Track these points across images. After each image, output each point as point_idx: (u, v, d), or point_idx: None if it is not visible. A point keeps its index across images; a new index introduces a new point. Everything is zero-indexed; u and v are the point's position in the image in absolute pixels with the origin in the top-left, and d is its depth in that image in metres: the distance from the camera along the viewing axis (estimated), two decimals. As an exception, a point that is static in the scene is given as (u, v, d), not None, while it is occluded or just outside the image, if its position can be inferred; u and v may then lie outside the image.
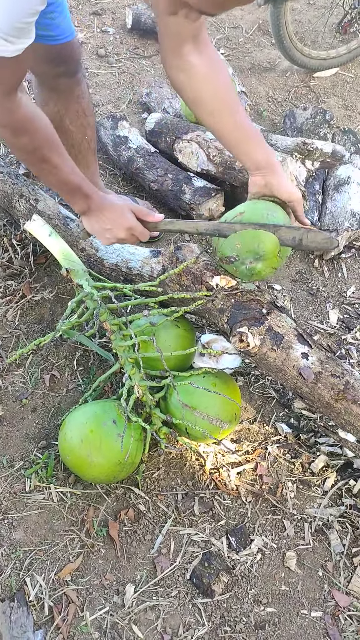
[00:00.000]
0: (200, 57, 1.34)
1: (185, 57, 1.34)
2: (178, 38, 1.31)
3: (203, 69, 1.35)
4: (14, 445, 1.69)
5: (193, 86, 1.38)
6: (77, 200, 1.49)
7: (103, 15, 3.37)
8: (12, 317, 1.96)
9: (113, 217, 1.50)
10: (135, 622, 1.42)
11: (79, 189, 1.46)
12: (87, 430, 1.49)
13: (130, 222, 1.49)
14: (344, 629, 1.44)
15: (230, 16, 3.49)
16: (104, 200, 1.51)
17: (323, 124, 2.65)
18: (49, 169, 1.40)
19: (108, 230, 1.51)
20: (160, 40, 1.35)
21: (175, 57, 1.34)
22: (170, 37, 1.32)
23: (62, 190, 1.48)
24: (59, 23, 1.61)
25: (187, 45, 1.32)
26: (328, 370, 1.43)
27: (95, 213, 1.51)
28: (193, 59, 1.34)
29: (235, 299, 1.52)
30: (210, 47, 1.37)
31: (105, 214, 1.50)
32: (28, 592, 1.44)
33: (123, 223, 1.49)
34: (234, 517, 1.61)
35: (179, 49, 1.32)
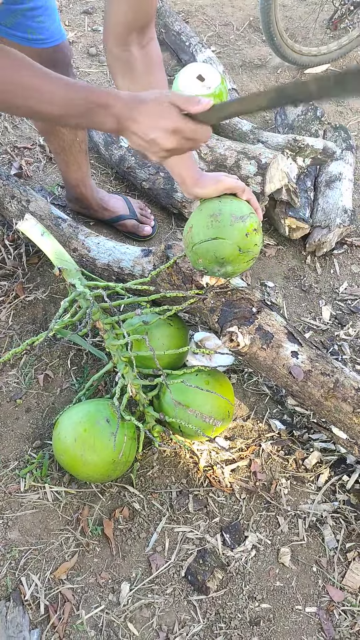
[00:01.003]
0: (141, 52, 1.32)
1: (128, 47, 1.30)
2: (125, 27, 1.27)
3: (142, 64, 1.32)
4: (8, 445, 1.70)
5: (129, 78, 1.35)
6: (99, 118, 1.12)
7: (93, 14, 3.36)
8: (5, 317, 1.97)
9: (153, 122, 1.10)
10: (130, 620, 1.43)
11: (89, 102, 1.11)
12: (81, 429, 1.49)
13: (175, 122, 1.10)
14: (338, 623, 1.46)
15: (221, 13, 3.49)
16: (132, 102, 1.12)
17: (314, 120, 2.65)
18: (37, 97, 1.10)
19: (152, 143, 1.13)
20: (105, 24, 1.30)
21: (117, 45, 1.31)
22: (116, 24, 1.28)
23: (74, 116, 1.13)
24: (48, 26, 1.61)
25: (131, 36, 1.29)
26: (318, 369, 1.44)
27: (128, 124, 1.12)
28: (134, 51, 1.31)
29: (225, 297, 1.52)
30: (154, 44, 1.34)
31: (141, 121, 1.11)
32: (24, 591, 1.44)
33: (166, 125, 1.10)
34: (228, 514, 1.62)
35: (124, 38, 1.29)
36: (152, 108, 1.11)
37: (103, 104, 1.11)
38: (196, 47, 2.87)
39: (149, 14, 1.29)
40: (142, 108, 1.11)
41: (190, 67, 2.45)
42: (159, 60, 1.37)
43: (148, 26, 1.31)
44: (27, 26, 1.57)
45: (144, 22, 1.29)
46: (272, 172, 2.14)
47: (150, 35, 1.33)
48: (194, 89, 2.37)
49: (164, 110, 1.10)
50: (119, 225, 2.25)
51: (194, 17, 3.43)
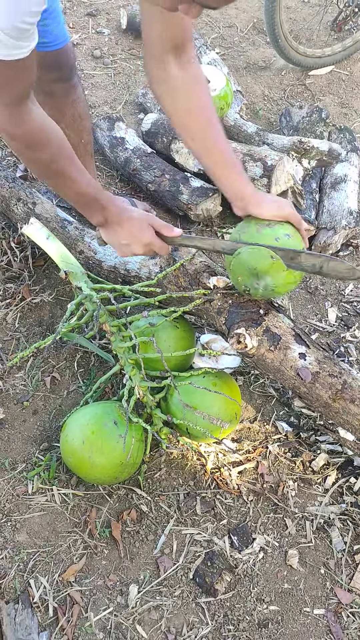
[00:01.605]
0: (181, 71, 1.32)
1: (167, 68, 1.31)
2: (161, 47, 1.28)
3: (181, 82, 1.32)
4: (15, 447, 1.70)
5: (170, 100, 1.36)
6: (93, 213, 1.42)
7: (98, 16, 3.37)
8: (12, 320, 1.97)
9: (131, 232, 1.43)
10: (139, 622, 1.43)
11: (95, 201, 1.40)
12: (88, 431, 1.49)
13: (149, 238, 1.42)
14: (346, 626, 1.45)
15: (225, 15, 3.50)
16: (122, 213, 1.43)
17: (319, 122, 2.65)
18: (64, 182, 1.36)
19: (125, 245, 1.45)
20: (145, 49, 1.33)
21: (157, 68, 1.32)
22: (153, 46, 1.29)
23: (78, 202, 1.42)
24: (52, 29, 1.61)
25: (169, 56, 1.30)
26: (326, 370, 1.44)
27: (112, 226, 1.44)
28: (173, 70, 1.31)
29: (232, 299, 1.52)
30: (194, 63, 1.34)
31: (123, 228, 1.43)
32: (32, 593, 1.44)
33: (141, 239, 1.42)
34: (235, 516, 1.62)
35: (161, 58, 1.30)
36: (136, 222, 1.42)
37: (103, 207, 1.41)
38: (200, 49, 2.87)
39: (184, 33, 1.28)
40: (128, 219, 1.43)
41: None
42: (200, 80, 1.36)
43: (185, 46, 1.30)
44: None
45: (179, 41, 1.28)
46: (278, 174, 2.14)
47: (189, 55, 1.31)
48: None
49: (143, 227, 1.42)
50: (124, 228, 2.25)
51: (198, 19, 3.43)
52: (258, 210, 1.39)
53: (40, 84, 1.79)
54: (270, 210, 1.38)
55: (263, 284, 1.40)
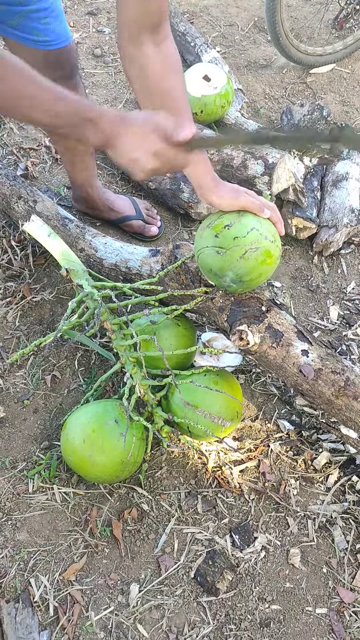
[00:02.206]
0: (156, 51, 1.28)
1: (141, 47, 1.26)
2: (136, 25, 1.24)
3: (156, 63, 1.28)
4: (16, 446, 1.69)
5: (142, 79, 1.31)
6: (85, 132, 1.16)
7: (98, 15, 3.36)
8: (12, 318, 1.96)
9: (136, 142, 1.17)
10: (140, 622, 1.42)
11: (77, 116, 1.15)
12: (89, 430, 1.49)
13: (156, 145, 1.17)
14: (349, 625, 1.45)
15: (226, 13, 3.49)
16: (121, 122, 1.17)
17: (320, 120, 2.64)
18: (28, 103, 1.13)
19: (135, 161, 1.20)
20: (118, 26, 1.28)
21: (130, 46, 1.27)
22: (128, 24, 1.25)
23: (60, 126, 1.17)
24: (54, 28, 1.61)
25: (144, 35, 1.26)
26: (328, 367, 1.43)
27: (115, 141, 1.18)
28: (148, 50, 1.27)
29: (234, 296, 1.52)
30: (169, 42, 1.30)
31: (126, 140, 1.18)
32: (33, 593, 1.44)
33: (148, 149, 1.17)
34: (237, 515, 1.61)
35: (136, 37, 1.26)
36: (137, 129, 1.17)
37: (91, 119, 1.15)
38: (201, 48, 2.87)
39: (160, 11, 1.25)
40: (127, 128, 1.17)
41: (196, 68, 2.45)
42: (175, 60, 1.32)
43: (161, 24, 1.27)
44: (32, 28, 1.57)
45: (156, 20, 1.25)
46: (279, 172, 2.13)
47: (164, 33, 1.28)
48: (200, 89, 2.37)
49: (147, 133, 1.16)
50: (125, 226, 2.24)
51: (199, 17, 3.43)
52: (219, 203, 1.37)
53: None
54: (224, 200, 1.37)
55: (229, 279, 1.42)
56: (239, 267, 1.38)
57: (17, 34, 1.58)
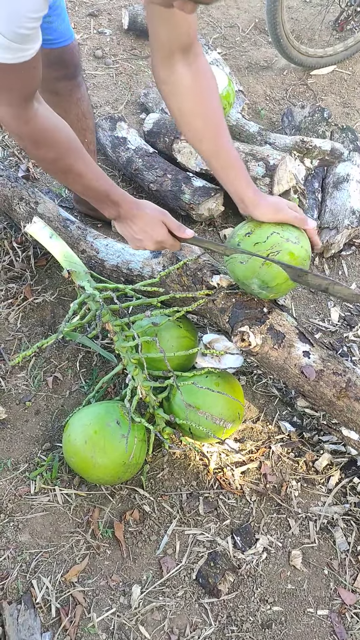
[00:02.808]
0: (188, 69, 1.31)
1: (173, 67, 1.31)
2: (168, 48, 1.28)
3: (188, 81, 1.32)
4: (18, 447, 1.69)
5: (177, 101, 1.35)
6: (105, 207, 1.45)
7: (99, 17, 3.37)
8: (14, 319, 1.96)
9: (144, 228, 1.45)
10: (142, 623, 1.42)
11: (106, 196, 1.42)
12: (91, 431, 1.49)
13: (161, 236, 1.44)
14: (350, 626, 1.45)
15: (227, 15, 3.50)
16: (136, 209, 1.45)
17: (321, 121, 2.65)
18: (73, 178, 1.37)
19: (138, 240, 1.47)
20: (151, 51, 1.33)
21: (163, 68, 1.32)
22: (160, 47, 1.29)
23: (89, 197, 1.44)
24: (56, 27, 1.61)
25: (176, 56, 1.29)
26: (330, 368, 1.43)
27: (125, 221, 1.46)
28: (181, 70, 1.31)
29: (236, 298, 1.52)
30: (201, 61, 1.33)
31: (136, 223, 1.45)
32: (35, 594, 1.44)
33: (153, 236, 1.44)
34: (238, 516, 1.61)
35: (168, 59, 1.30)
36: (149, 219, 1.44)
37: (115, 202, 1.42)
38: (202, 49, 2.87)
39: (189, 33, 1.28)
40: (141, 216, 1.44)
41: None
42: (208, 79, 1.35)
43: (192, 45, 1.30)
44: None
45: (185, 41, 1.28)
46: (280, 173, 2.14)
47: (195, 52, 1.31)
48: None
49: (156, 225, 1.43)
50: (126, 228, 2.25)
51: (200, 19, 3.44)
52: (255, 213, 1.40)
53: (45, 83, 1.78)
54: (266, 214, 1.39)
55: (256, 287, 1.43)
56: (263, 273, 1.39)
57: None
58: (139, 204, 1.46)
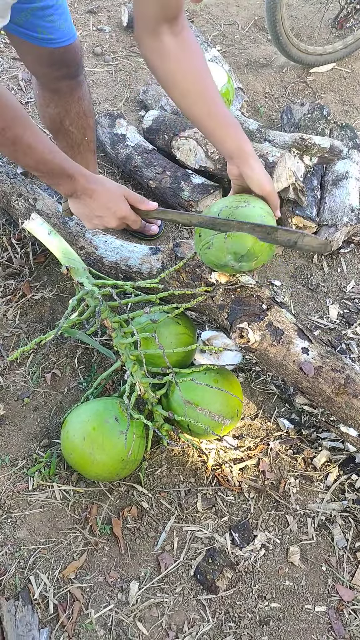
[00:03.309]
0: (176, 39, 1.30)
1: (161, 37, 1.29)
2: (155, 19, 1.27)
3: (177, 50, 1.31)
4: (16, 444, 1.69)
5: (166, 67, 1.33)
6: (60, 182, 1.34)
7: (99, 14, 3.36)
8: (12, 316, 1.96)
9: (106, 204, 1.37)
10: (140, 619, 1.42)
11: (61, 170, 1.32)
12: (89, 428, 1.49)
13: (124, 212, 1.38)
14: (348, 623, 1.45)
15: (226, 13, 3.49)
16: (94, 184, 1.36)
17: (320, 119, 2.64)
18: (24, 150, 1.26)
19: (98, 217, 1.40)
20: (136, 20, 1.31)
21: (150, 38, 1.30)
22: (147, 18, 1.28)
23: (41, 172, 1.33)
24: (59, 26, 1.60)
25: (163, 27, 1.28)
26: (328, 365, 1.43)
27: (83, 197, 1.38)
28: (168, 40, 1.30)
29: (235, 294, 1.52)
30: (187, 31, 1.33)
31: (95, 200, 1.37)
32: (32, 590, 1.44)
33: (116, 212, 1.37)
34: (237, 513, 1.61)
35: (155, 29, 1.28)
36: (110, 194, 1.37)
37: (70, 175, 1.33)
38: (201, 47, 2.87)
39: (176, 6, 1.27)
40: (101, 192, 1.36)
41: None
42: (195, 45, 1.34)
43: (178, 17, 1.29)
44: (38, 25, 1.56)
45: (174, 12, 1.27)
46: (280, 170, 2.13)
47: (182, 23, 1.30)
48: None
49: (119, 200, 1.37)
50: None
51: (199, 16, 3.43)
52: (247, 171, 1.36)
53: (47, 81, 1.79)
54: (256, 179, 1.36)
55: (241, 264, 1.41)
56: (230, 245, 1.37)
57: (22, 31, 1.58)
58: (96, 179, 1.38)
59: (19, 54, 1.73)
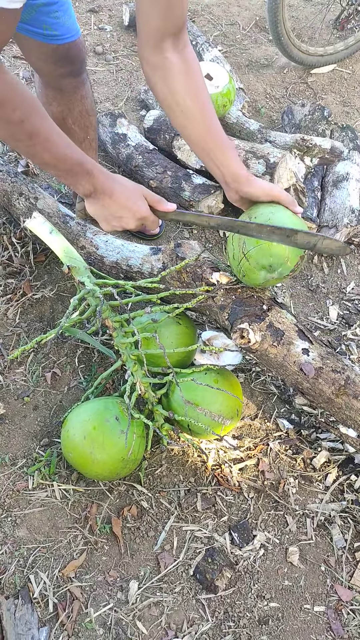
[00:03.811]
0: (179, 56, 1.30)
1: (164, 53, 1.29)
2: (158, 33, 1.26)
3: (180, 68, 1.30)
4: (16, 443, 1.69)
5: (168, 85, 1.32)
6: (79, 180, 1.29)
7: (100, 13, 3.36)
8: (12, 315, 1.96)
9: (125, 204, 1.32)
10: (139, 618, 1.43)
11: (79, 166, 1.26)
12: (90, 427, 1.49)
13: (144, 212, 1.34)
14: (346, 623, 1.45)
15: (228, 13, 3.49)
16: (112, 182, 1.32)
17: (321, 120, 2.65)
18: (42, 144, 1.21)
19: (117, 219, 1.35)
20: (139, 36, 1.30)
21: (153, 53, 1.29)
22: (150, 32, 1.27)
23: (59, 169, 1.27)
24: (63, 22, 1.60)
25: (167, 42, 1.28)
26: (329, 366, 1.44)
27: (101, 196, 1.32)
28: (171, 56, 1.29)
29: (235, 295, 1.52)
30: (189, 48, 1.33)
31: (115, 199, 1.32)
32: (32, 589, 1.44)
33: (136, 212, 1.33)
34: (236, 513, 1.61)
35: (158, 45, 1.28)
36: (128, 192, 1.33)
37: (89, 172, 1.28)
38: (203, 47, 2.87)
39: (181, 18, 1.27)
40: (120, 190, 1.32)
41: None
42: (196, 65, 1.34)
43: (181, 31, 1.28)
44: (42, 22, 1.56)
45: (176, 27, 1.27)
46: (281, 171, 2.14)
47: (184, 40, 1.30)
48: None
49: (138, 199, 1.33)
50: (126, 224, 2.24)
51: (200, 16, 3.43)
52: (250, 189, 1.37)
53: (50, 80, 1.79)
54: (262, 189, 1.37)
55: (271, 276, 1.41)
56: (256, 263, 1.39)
57: (27, 28, 1.58)
58: (114, 177, 1.34)
59: (23, 52, 1.73)
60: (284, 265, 1.39)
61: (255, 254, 1.38)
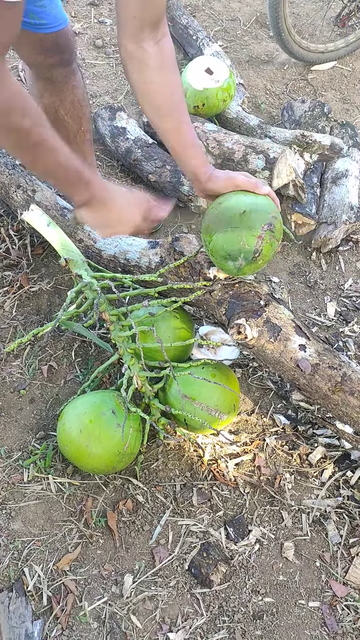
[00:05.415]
0: (156, 48, 1.29)
1: (141, 43, 1.28)
2: (139, 22, 1.25)
3: (156, 60, 1.30)
4: (12, 435, 1.69)
5: (143, 76, 1.32)
6: (76, 189, 1.29)
7: (100, 6, 3.35)
8: (9, 308, 1.95)
9: (118, 215, 1.34)
10: (133, 612, 1.42)
11: (78, 175, 1.26)
12: (86, 420, 1.48)
13: (137, 222, 1.37)
14: (341, 618, 1.45)
15: (228, 8, 3.48)
16: (109, 190, 1.33)
17: (321, 117, 2.64)
18: (45, 153, 1.20)
19: (111, 227, 1.38)
20: (118, 22, 1.29)
21: (130, 42, 1.28)
22: (128, 20, 1.25)
23: (59, 178, 1.27)
24: (50, 10, 1.59)
25: (144, 32, 1.26)
26: (325, 362, 1.43)
27: (97, 205, 1.33)
28: (149, 47, 1.28)
29: (233, 290, 1.52)
30: (167, 39, 1.32)
31: (109, 209, 1.34)
32: (26, 582, 1.44)
33: (129, 222, 1.36)
34: (232, 507, 1.61)
35: (137, 34, 1.27)
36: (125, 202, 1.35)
37: (87, 181, 1.28)
38: (203, 42, 2.86)
39: (160, 8, 1.26)
40: (114, 197, 1.33)
41: (199, 60, 2.44)
42: (172, 58, 1.33)
43: (160, 21, 1.28)
44: (28, 10, 1.55)
45: (156, 17, 1.26)
46: (280, 167, 2.13)
47: (163, 30, 1.29)
48: (202, 82, 2.36)
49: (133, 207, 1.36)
50: (124, 218, 2.23)
51: (201, 11, 3.42)
52: (210, 184, 1.41)
53: (41, 70, 1.78)
54: (219, 183, 1.41)
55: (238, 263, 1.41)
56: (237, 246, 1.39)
57: None
58: (110, 186, 1.35)
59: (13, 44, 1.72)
60: (243, 249, 1.38)
61: (212, 248, 1.42)
